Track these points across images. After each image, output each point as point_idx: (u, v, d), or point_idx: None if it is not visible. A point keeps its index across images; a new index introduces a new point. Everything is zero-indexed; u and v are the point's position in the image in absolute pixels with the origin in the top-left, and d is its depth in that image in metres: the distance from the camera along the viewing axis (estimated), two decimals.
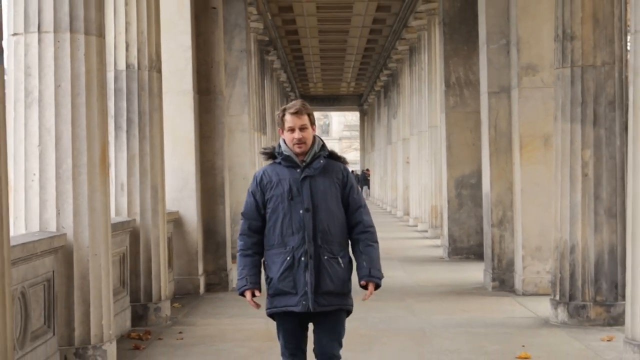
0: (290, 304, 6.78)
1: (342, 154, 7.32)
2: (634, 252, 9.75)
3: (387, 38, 38.14)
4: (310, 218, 6.78)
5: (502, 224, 16.63)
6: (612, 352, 10.58)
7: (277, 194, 6.88)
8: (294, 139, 6.84)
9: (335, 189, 6.93)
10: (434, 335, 12.06)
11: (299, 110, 6.87)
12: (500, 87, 16.69)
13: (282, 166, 6.94)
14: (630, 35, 10.03)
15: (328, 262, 6.77)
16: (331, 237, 6.85)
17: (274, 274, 6.81)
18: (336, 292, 6.81)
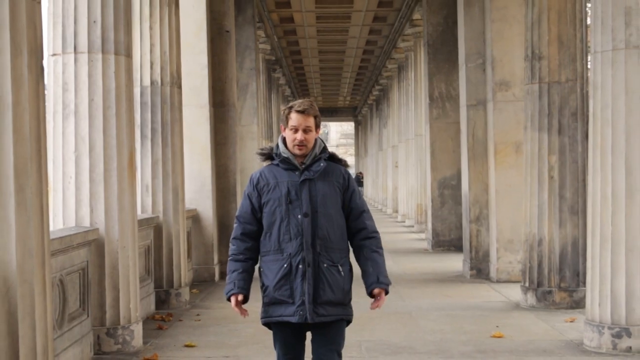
0: (287, 313, 5.77)
1: (342, 159, 6.21)
2: (593, 244, 9.78)
3: (379, 57, 38.08)
4: (309, 224, 5.78)
5: (479, 220, 16.65)
6: (574, 332, 10.59)
7: (275, 198, 5.86)
8: (296, 140, 5.83)
9: (336, 194, 5.91)
10: (419, 317, 12.07)
11: (306, 110, 5.87)
12: (477, 101, 16.69)
13: (280, 168, 5.93)
14: (590, 55, 10.05)
15: (328, 270, 5.77)
16: (331, 243, 5.83)
17: (269, 282, 5.81)
18: (336, 301, 5.80)
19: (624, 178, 9.47)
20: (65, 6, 9.69)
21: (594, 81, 9.85)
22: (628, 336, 9.45)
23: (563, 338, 10.49)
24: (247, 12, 21.87)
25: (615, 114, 9.51)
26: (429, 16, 21.82)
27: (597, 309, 9.69)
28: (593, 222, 9.82)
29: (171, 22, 13.17)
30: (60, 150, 9.69)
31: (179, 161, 13.37)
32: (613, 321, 9.53)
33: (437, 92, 21.72)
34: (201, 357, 9.60)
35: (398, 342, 10.34)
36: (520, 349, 9.89)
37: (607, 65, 9.59)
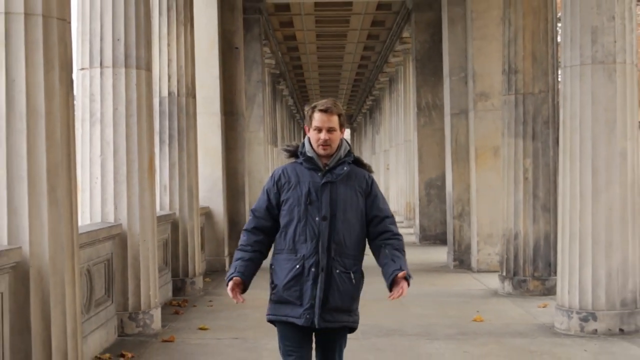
0: (293, 315, 5.17)
1: (366, 163, 5.55)
2: (563, 238, 9.81)
3: (372, 71, 38.06)
4: (326, 227, 5.15)
5: (461, 216, 16.67)
6: (546, 316, 10.61)
7: (295, 197, 5.23)
8: (320, 140, 5.22)
9: (357, 199, 5.26)
10: (409, 304, 12.05)
11: (329, 109, 5.29)
12: (460, 110, 16.72)
13: (304, 167, 5.29)
14: (561, 69, 10.09)
15: (339, 277, 5.16)
16: (346, 249, 5.19)
17: (279, 281, 5.20)
18: (344, 308, 5.21)
19: (590, 179, 9.50)
20: (92, 26, 9.72)
21: (563, 93, 9.88)
22: (594, 320, 9.48)
23: (536, 322, 10.51)
24: (254, 30, 21.87)
25: (583, 122, 9.53)
26: (417, 34, 21.82)
27: (567, 296, 9.73)
28: (563, 218, 9.85)
29: (186, 40, 13.19)
30: (88, 154, 9.72)
31: (194, 164, 13.39)
32: (581, 307, 9.56)
33: (424, 102, 21.71)
34: (213, 338, 9.62)
35: (390, 326, 10.36)
36: (498, 332, 9.91)
37: (575, 79, 9.61)
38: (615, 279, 9.48)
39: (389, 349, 8.96)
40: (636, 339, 9.26)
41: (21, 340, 6.38)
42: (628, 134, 9.54)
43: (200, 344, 9.22)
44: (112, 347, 8.96)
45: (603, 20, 9.45)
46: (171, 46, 12.95)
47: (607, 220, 9.47)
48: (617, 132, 9.47)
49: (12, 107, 6.40)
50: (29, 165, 6.41)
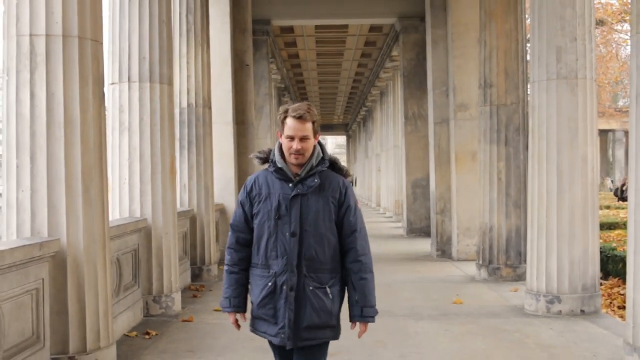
0: (270, 333, 4.49)
1: (343, 167, 4.68)
2: (532, 231, 9.83)
3: (365, 85, 38.05)
4: (295, 244, 4.37)
5: (443, 212, 16.69)
6: (517, 299, 10.62)
7: (265, 210, 4.45)
8: (292, 149, 4.40)
9: (330, 210, 4.45)
10: (397, 288, 12.08)
11: (302, 116, 4.40)
12: (442, 119, 16.72)
13: (274, 177, 4.50)
14: (530, 84, 10.08)
15: (313, 294, 4.40)
16: (319, 264, 4.42)
17: (254, 298, 4.52)
18: (321, 325, 4.45)
19: (555, 180, 9.52)
20: (121, 46, 9.73)
21: (532, 104, 9.89)
22: (559, 302, 9.50)
23: (508, 304, 10.51)
24: (262, 50, 21.87)
25: (549, 130, 9.55)
26: (404, 53, 21.80)
27: (535, 282, 9.74)
28: (532, 214, 9.87)
29: (203, 58, 13.20)
30: (118, 158, 9.73)
31: (209, 166, 13.40)
32: (547, 291, 9.58)
33: (410, 113, 21.70)
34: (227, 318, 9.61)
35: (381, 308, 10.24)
36: (475, 312, 9.92)
37: (542, 92, 9.62)
38: (577, 266, 9.50)
39: (381, 328, 8.95)
40: (595, 319, 9.28)
41: (59, 320, 6.40)
42: (588, 140, 9.56)
43: (216, 324, 9.21)
44: (138, 326, 8.96)
45: (566, 41, 9.47)
46: (190, 64, 12.96)
47: (570, 215, 9.49)
48: (579, 138, 9.49)
49: (52, 117, 6.43)
50: (66, 168, 6.45)
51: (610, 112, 47.75)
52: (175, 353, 7.77)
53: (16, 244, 5.89)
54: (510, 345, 8.11)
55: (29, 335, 5.96)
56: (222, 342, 8.22)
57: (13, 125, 6.42)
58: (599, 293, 9.77)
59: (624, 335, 7.11)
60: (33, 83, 6.41)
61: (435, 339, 8.43)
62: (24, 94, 6.41)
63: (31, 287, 6.00)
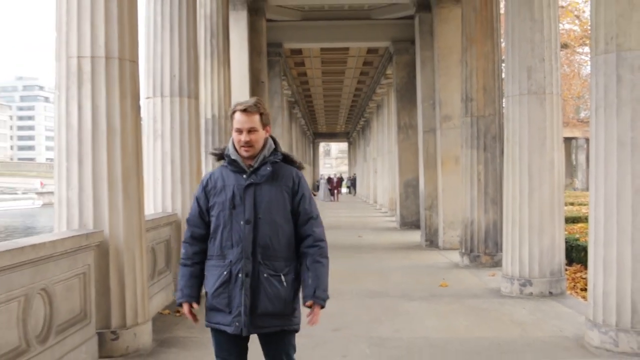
0: (224, 322, 3.96)
1: (296, 160, 4.23)
2: (507, 225, 9.84)
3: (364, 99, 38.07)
4: (250, 231, 3.91)
5: (431, 208, 16.70)
6: (495, 283, 10.61)
7: (220, 202, 4.01)
8: (241, 141, 3.98)
9: (283, 198, 4.00)
10: (390, 274, 12.09)
11: (248, 109, 3.97)
12: (429, 128, 16.75)
13: (229, 170, 4.07)
14: (505, 98, 10.10)
15: (268, 281, 3.91)
16: (274, 252, 3.95)
17: (209, 288, 4.00)
18: (276, 313, 3.93)
19: (527, 181, 9.53)
20: (155, 65, 9.77)
21: (507, 115, 9.90)
22: (530, 285, 9.51)
23: (487, 287, 10.52)
24: (275, 69, 21.90)
25: (521, 138, 9.55)
26: (397, 72, 21.83)
27: (510, 267, 9.75)
28: (507, 209, 9.87)
29: (225, 76, 13.22)
30: (152, 161, 9.75)
31: None
32: (520, 275, 9.59)
33: (402, 123, 21.73)
34: None
35: (376, 290, 10.38)
36: (458, 294, 9.92)
37: (515, 105, 9.63)
38: (546, 255, 9.51)
39: (377, 307, 8.98)
40: (561, 299, 9.29)
41: (103, 300, 6.44)
42: (555, 147, 9.57)
43: None
44: (170, 305, 8.98)
45: (536, 62, 9.49)
46: (213, 81, 12.98)
47: (539, 211, 9.50)
48: (547, 145, 9.50)
49: (96, 126, 6.46)
50: (108, 170, 6.48)
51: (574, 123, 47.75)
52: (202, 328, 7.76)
53: (66, 235, 5.95)
54: (488, 322, 8.12)
55: (77, 313, 6.01)
56: None
57: (63, 134, 6.47)
58: (565, 277, 9.78)
59: (585, 313, 7.14)
60: (80, 98, 6.45)
61: (424, 316, 8.44)
62: (72, 107, 6.45)
63: (79, 272, 6.05)
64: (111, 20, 6.51)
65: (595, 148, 6.78)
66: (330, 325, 7.77)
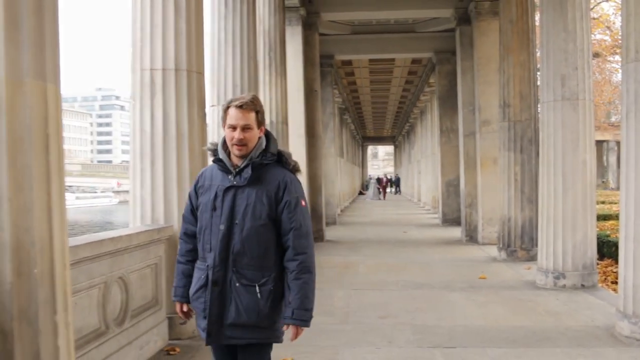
0: (201, 327, 3.45)
1: (290, 162, 3.59)
2: (542, 221, 9.72)
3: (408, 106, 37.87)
4: (224, 237, 3.35)
5: (471, 206, 16.54)
6: (530, 275, 10.48)
7: (204, 202, 3.48)
8: (234, 139, 3.37)
9: (265, 204, 3.36)
10: (434, 266, 12.02)
11: (244, 105, 3.37)
12: (469, 132, 16.61)
13: (218, 169, 3.50)
14: (540, 104, 9.96)
15: (240, 291, 3.32)
16: (250, 260, 3.34)
17: (192, 290, 3.50)
18: (248, 324, 3.33)
19: (561, 181, 9.40)
20: (219, 76, 9.86)
21: (542, 120, 9.78)
22: (563, 278, 9.37)
23: (523, 279, 10.38)
24: (327, 79, 21.97)
25: (556, 141, 9.43)
26: (439, 80, 21.69)
27: (545, 261, 9.62)
28: (542, 207, 9.74)
29: (282, 85, 13.29)
30: None
31: None
32: (554, 269, 9.45)
33: (444, 127, 21.60)
34: None
35: (421, 281, 10.33)
36: (496, 286, 9.82)
37: (550, 111, 9.51)
38: (578, 249, 9.36)
39: (421, 297, 8.94)
40: (593, 291, 9.13)
41: None
42: (587, 149, 9.42)
43: None
44: None
45: (569, 70, 9.35)
46: (271, 89, 13.06)
47: (572, 208, 9.36)
48: (579, 147, 9.36)
49: (167, 132, 6.56)
50: (177, 171, 6.58)
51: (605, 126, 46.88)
52: None
53: (140, 229, 6.05)
54: (524, 311, 8.02)
55: (150, 299, 6.11)
56: None
57: (138, 139, 6.58)
58: (596, 271, 9.61)
59: (616, 304, 7.01)
60: (152, 106, 6.55)
61: (464, 306, 8.38)
62: (145, 115, 6.56)
63: (151, 262, 6.14)
64: (180, 37, 6.60)
65: (626, 150, 6.66)
66: (377, 313, 7.78)
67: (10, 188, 3.17)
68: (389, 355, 6.06)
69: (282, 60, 13.43)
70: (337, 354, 6.12)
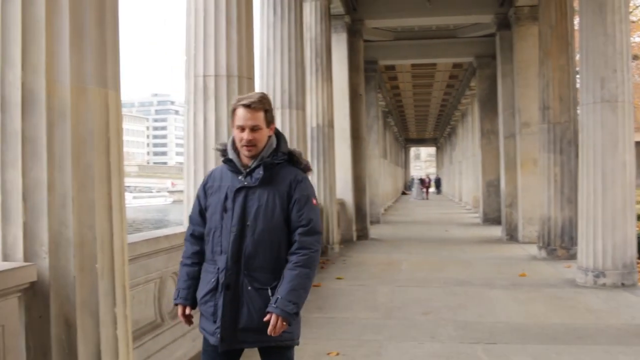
0: (208, 331, 3.20)
1: (302, 161, 3.32)
2: (582, 220, 9.55)
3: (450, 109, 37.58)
4: (236, 239, 3.12)
5: (511, 205, 16.33)
6: (570, 274, 10.28)
7: (214, 203, 3.24)
8: (243, 140, 3.15)
9: (277, 205, 3.15)
10: (475, 264, 11.91)
11: (252, 104, 3.14)
12: (509, 134, 16.42)
13: (228, 170, 3.26)
14: (579, 106, 9.81)
15: (252, 294, 3.10)
16: (261, 263, 3.12)
17: (199, 293, 3.25)
18: (261, 328, 3.06)
19: (600, 181, 9.23)
20: (268, 82, 9.96)
21: (581, 122, 9.62)
22: (603, 276, 9.19)
23: (563, 277, 10.20)
24: (371, 83, 21.94)
25: (595, 142, 9.27)
26: (480, 84, 21.53)
27: (585, 260, 9.44)
28: (582, 207, 9.57)
29: (328, 90, 13.33)
30: None
31: (332, 171, 13.49)
32: (594, 267, 9.27)
33: (485, 129, 21.40)
34: (346, 285, 9.68)
35: (462, 278, 10.24)
36: (537, 284, 9.67)
37: (590, 112, 9.35)
38: (618, 249, 9.18)
39: (463, 294, 8.87)
40: (634, 290, 8.93)
41: None
42: (627, 150, 9.25)
43: (338, 288, 9.29)
44: None
45: (609, 73, 9.18)
46: (318, 94, 13.11)
47: (612, 209, 9.18)
48: (619, 148, 9.19)
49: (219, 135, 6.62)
50: None
51: None
52: (308, 309, 7.87)
53: None
54: (564, 309, 7.88)
55: None
56: (342, 302, 8.30)
57: (192, 141, 6.66)
58: (636, 270, 9.39)
59: None
60: (205, 111, 6.62)
61: (505, 303, 8.27)
62: (199, 119, 6.63)
63: None
64: (231, 45, 6.66)
65: None
66: (420, 309, 7.74)
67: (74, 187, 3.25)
68: (432, 350, 6.02)
69: (328, 66, 13.46)
70: (381, 348, 6.10)
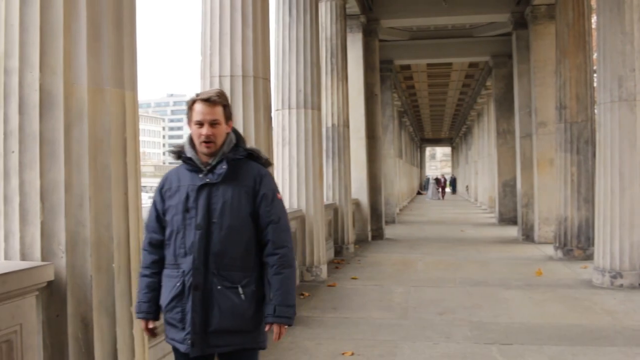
0: (177, 339, 3.02)
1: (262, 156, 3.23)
2: (599, 220, 9.49)
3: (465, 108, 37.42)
4: (202, 238, 2.98)
5: (527, 205, 16.23)
6: (586, 274, 10.22)
7: (174, 204, 3.07)
8: (202, 136, 3.03)
9: (243, 200, 3.03)
10: (491, 264, 11.85)
11: (211, 98, 3.04)
12: (526, 134, 16.31)
13: (185, 169, 3.12)
14: (597, 105, 9.74)
15: (222, 294, 2.96)
16: (230, 261, 2.99)
17: (163, 301, 3.06)
18: (234, 329, 2.98)
19: (618, 180, 9.16)
20: (283, 82, 9.97)
21: (599, 121, 9.55)
22: (620, 277, 9.10)
23: (579, 278, 10.14)
24: (387, 83, 21.89)
25: (612, 141, 9.20)
26: (496, 83, 21.43)
27: (601, 260, 9.36)
28: (598, 207, 9.50)
29: (343, 90, 13.33)
30: (280, 164, 9.95)
31: (348, 171, 13.49)
32: (611, 268, 9.20)
33: (501, 129, 21.30)
34: (361, 285, 9.67)
35: (478, 278, 10.20)
36: (552, 284, 9.62)
37: (607, 112, 9.28)
38: (636, 249, 9.09)
39: (478, 294, 8.83)
40: None
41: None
42: None
43: (353, 288, 9.29)
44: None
45: (626, 71, 9.10)
46: (333, 94, 13.11)
47: (629, 208, 9.10)
48: (637, 147, 9.10)
49: None
50: None
51: None
52: (323, 309, 7.89)
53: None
54: (581, 310, 7.83)
55: None
56: (357, 302, 8.29)
57: None
58: None
59: None
60: None
61: (521, 303, 8.24)
62: None
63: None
64: (247, 45, 6.69)
65: None
66: (435, 309, 7.73)
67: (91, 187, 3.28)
68: (447, 351, 6.00)
69: (344, 66, 13.46)
70: (396, 348, 6.09)
